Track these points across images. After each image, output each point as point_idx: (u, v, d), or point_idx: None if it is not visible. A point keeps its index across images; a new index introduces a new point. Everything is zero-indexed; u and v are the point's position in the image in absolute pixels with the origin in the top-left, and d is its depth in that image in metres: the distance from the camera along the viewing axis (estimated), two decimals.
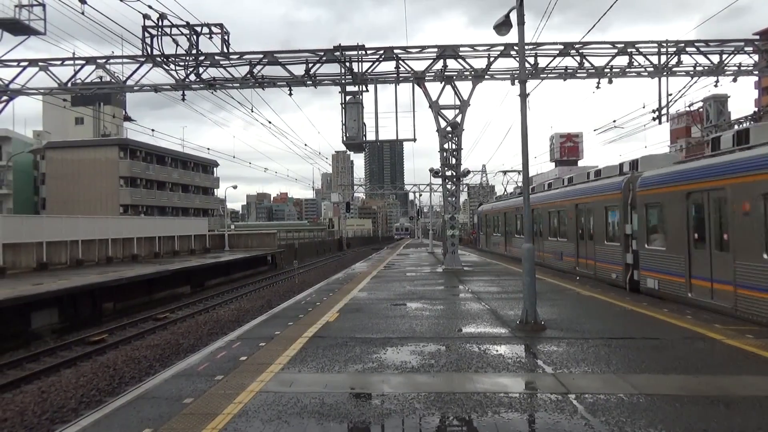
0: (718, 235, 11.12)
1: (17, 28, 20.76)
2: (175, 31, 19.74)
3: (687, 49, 20.85)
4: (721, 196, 10.91)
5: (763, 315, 9.60)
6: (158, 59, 20.19)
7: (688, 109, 29.44)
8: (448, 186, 22.35)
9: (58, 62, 21.39)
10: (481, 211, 40.94)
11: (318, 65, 20.87)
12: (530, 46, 20.19)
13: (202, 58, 20.58)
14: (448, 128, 21.29)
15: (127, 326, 18.33)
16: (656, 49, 20.72)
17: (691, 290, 11.90)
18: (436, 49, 20.98)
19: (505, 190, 43.53)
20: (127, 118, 48.65)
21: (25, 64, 21.33)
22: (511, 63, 21.19)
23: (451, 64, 21.04)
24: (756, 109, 37.45)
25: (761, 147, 10.35)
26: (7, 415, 9.56)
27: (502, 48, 20.57)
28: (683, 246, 12.15)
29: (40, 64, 21.30)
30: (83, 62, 21.26)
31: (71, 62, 21.35)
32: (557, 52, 20.77)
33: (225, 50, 20.42)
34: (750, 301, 9.93)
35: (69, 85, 21.77)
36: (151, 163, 59.78)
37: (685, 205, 12.11)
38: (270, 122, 30.94)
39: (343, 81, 21.08)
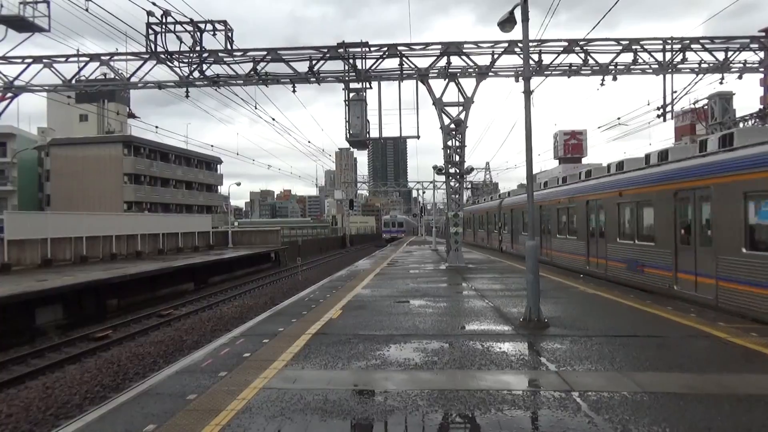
0: (513, 225, 28.61)
1: (22, 25, 20.78)
2: (178, 28, 19.78)
3: (692, 46, 20.75)
4: (513, 211, 28.41)
5: (512, 251, 27.73)
6: (162, 56, 20.21)
7: (693, 106, 29.28)
8: (452, 183, 22.33)
9: (63, 59, 21.43)
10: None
11: (322, 62, 20.85)
12: (534, 43, 20.12)
13: (205, 55, 20.59)
14: (452, 125, 21.25)
15: (131, 323, 18.39)
16: (661, 46, 20.63)
17: (513, 248, 27.87)
18: (439, 46, 20.94)
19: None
20: (131, 115, 48.81)
21: (30, 60, 21.38)
22: (515, 60, 21.13)
23: (455, 61, 21.01)
24: (762, 107, 37.25)
25: (508, 197, 30.69)
26: (12, 411, 9.61)
27: (506, 45, 20.51)
28: (508, 231, 29.40)
29: (44, 60, 21.35)
30: (87, 59, 21.30)
31: (75, 59, 21.40)
32: (561, 49, 20.69)
33: (229, 47, 20.43)
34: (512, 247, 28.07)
35: (73, 82, 21.81)
36: (155, 160, 59.93)
37: (511, 214, 28.84)
38: (274, 119, 30.98)
39: (346, 78, 21.05)
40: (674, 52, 20.57)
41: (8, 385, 11.42)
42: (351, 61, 20.72)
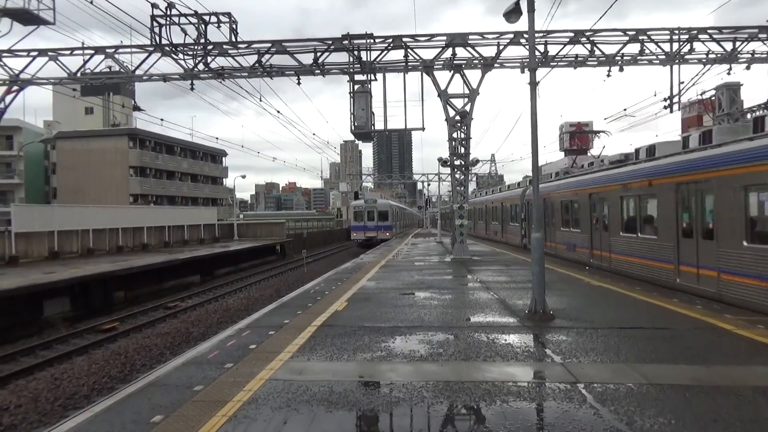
0: (475, 218, 43.36)
1: (27, 18, 20.81)
2: (183, 20, 19.72)
3: (700, 36, 20.56)
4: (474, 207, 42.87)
5: (471, 234, 38.10)
6: (167, 48, 20.19)
7: (700, 97, 29.05)
8: (457, 175, 22.28)
9: (68, 52, 21.45)
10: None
11: (326, 54, 20.78)
12: (540, 34, 19.98)
13: (210, 47, 20.55)
14: (457, 117, 21.18)
15: (137, 314, 18.50)
16: (668, 37, 20.44)
17: (473, 231, 41.39)
18: (445, 38, 20.82)
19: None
20: (137, 108, 48.83)
21: (35, 53, 21.41)
22: (521, 51, 21.00)
23: (461, 52, 20.88)
24: None
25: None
26: (21, 402, 9.71)
27: (511, 36, 20.38)
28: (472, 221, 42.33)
29: (49, 53, 21.37)
30: (92, 52, 21.31)
31: (80, 52, 21.41)
32: (568, 39, 20.54)
33: (233, 39, 20.38)
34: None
35: (78, 74, 21.85)
36: (161, 153, 60.04)
37: (474, 209, 42.84)
38: (279, 112, 30.91)
39: (351, 70, 20.99)
40: (681, 43, 20.39)
41: (17, 376, 11.53)
42: (356, 53, 20.64)
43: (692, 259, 11.61)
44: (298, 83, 21.66)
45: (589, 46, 20.59)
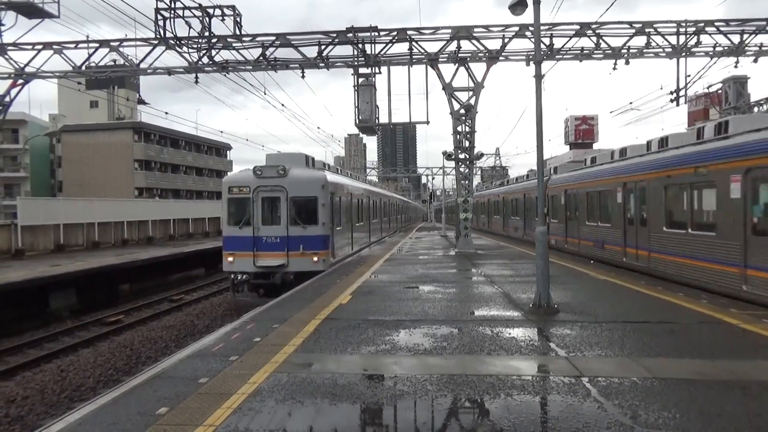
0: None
1: (31, 11, 20.83)
2: (187, 13, 19.70)
3: (706, 28, 20.40)
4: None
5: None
6: (171, 42, 20.18)
7: (706, 90, 28.86)
8: (461, 169, 22.23)
9: (72, 45, 21.48)
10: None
11: (331, 47, 20.73)
12: (546, 27, 19.89)
13: (214, 40, 20.52)
14: (462, 111, 21.11)
15: (143, 307, 18.59)
16: (675, 29, 20.30)
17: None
18: (449, 31, 20.73)
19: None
20: (141, 101, 48.75)
21: (40, 47, 21.45)
22: (526, 44, 20.95)
23: (465, 45, 20.82)
24: None
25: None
26: (27, 393, 9.79)
27: (517, 29, 20.27)
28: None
29: (54, 47, 21.39)
30: (97, 45, 21.32)
31: (85, 45, 21.43)
32: (573, 32, 20.42)
33: (237, 32, 20.35)
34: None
35: (83, 68, 21.87)
36: (165, 147, 60.10)
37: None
38: (283, 105, 30.72)
39: (355, 63, 20.92)
40: (688, 35, 20.24)
41: (24, 368, 11.63)
42: (360, 45, 20.57)
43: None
44: (303, 76, 21.64)
45: (594, 38, 20.47)
